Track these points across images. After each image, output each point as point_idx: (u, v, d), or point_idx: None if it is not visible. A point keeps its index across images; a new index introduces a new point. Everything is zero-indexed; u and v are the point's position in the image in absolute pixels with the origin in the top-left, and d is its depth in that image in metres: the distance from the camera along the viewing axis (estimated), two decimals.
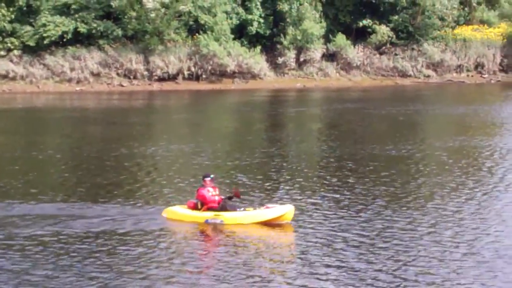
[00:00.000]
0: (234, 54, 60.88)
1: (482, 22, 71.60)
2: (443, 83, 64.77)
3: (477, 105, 48.11)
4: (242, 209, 19.34)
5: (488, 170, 26.17)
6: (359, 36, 65.98)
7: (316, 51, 63.60)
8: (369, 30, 65.14)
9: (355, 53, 64.71)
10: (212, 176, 19.98)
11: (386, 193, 22.19)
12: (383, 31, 64.35)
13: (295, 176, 24.80)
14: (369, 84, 63.30)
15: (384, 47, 65.63)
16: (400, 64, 65.56)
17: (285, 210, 18.86)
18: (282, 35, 63.15)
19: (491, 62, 68.61)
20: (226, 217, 19.03)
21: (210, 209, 19.28)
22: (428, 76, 65.80)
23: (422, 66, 66.09)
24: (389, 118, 42.84)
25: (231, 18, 62.51)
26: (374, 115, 43.86)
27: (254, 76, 62.07)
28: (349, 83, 63.50)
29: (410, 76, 65.61)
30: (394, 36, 65.20)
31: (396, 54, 66.02)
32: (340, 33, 64.61)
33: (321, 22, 63.78)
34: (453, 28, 68.62)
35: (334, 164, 27.50)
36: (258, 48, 62.18)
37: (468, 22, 70.95)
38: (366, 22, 64.86)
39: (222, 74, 61.22)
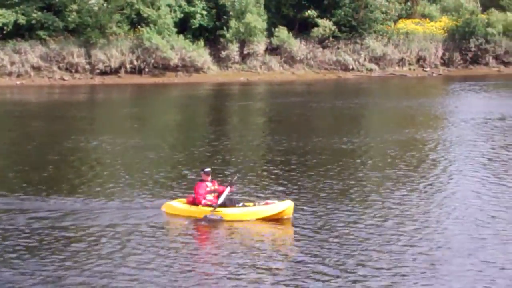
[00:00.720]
0: (177, 48, 60.46)
1: (424, 16, 72.32)
2: (385, 77, 65.21)
3: (420, 98, 48.51)
4: (241, 204, 19.08)
5: (431, 162, 26.44)
6: (302, 29, 66.04)
7: (260, 44, 63.45)
8: (312, 23, 65.12)
9: (298, 46, 64.74)
10: (208, 169, 19.60)
11: (330, 185, 22.20)
12: (325, 24, 64.45)
13: (240, 170, 24.64)
14: (312, 77, 63.42)
15: (327, 41, 65.75)
16: (343, 58, 65.76)
17: (285, 206, 18.69)
18: (225, 28, 62.89)
19: (432, 55, 69.29)
20: (225, 213, 18.74)
21: (209, 204, 18.96)
22: (371, 70, 66.16)
23: (364, 59, 66.43)
24: (334, 111, 42.98)
25: (174, 12, 62.05)
26: (319, 109, 43.93)
27: (197, 70, 61.70)
28: (292, 76, 63.53)
29: (352, 69, 65.87)
30: (337, 30, 65.35)
31: (338, 48, 66.22)
32: (283, 26, 64.55)
33: (263, 15, 63.61)
34: (395, 22, 69.15)
35: (280, 158, 27.41)
36: (202, 41, 61.86)
37: (410, 16, 71.59)
38: (309, 13, 64.79)
39: (165, 67, 60.76)
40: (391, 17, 68.70)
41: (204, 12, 63.23)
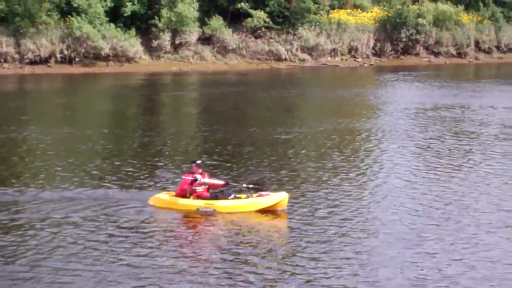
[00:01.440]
0: (108, 37, 59.64)
1: (356, 6, 72.64)
2: (318, 67, 65.37)
3: (353, 88, 48.77)
4: (233, 196, 18.74)
5: (364, 152, 26.65)
6: (235, 19, 65.79)
7: (192, 34, 62.97)
8: (245, 13, 64.93)
9: (230, 36, 64.50)
10: (198, 161, 19.27)
11: (265, 175, 22.09)
12: (259, 15, 64.32)
13: (174, 161, 24.42)
14: (245, 67, 63.25)
15: (259, 31, 65.64)
16: (276, 48, 65.69)
17: (279, 198, 18.46)
18: (157, 17, 62.27)
19: (364, 46, 69.70)
20: (218, 205, 18.42)
21: (200, 197, 18.64)
22: (303, 60, 66.25)
23: (297, 50, 66.48)
24: (268, 101, 42.87)
25: (105, 0, 61.15)
26: (253, 99, 43.86)
27: (129, 60, 60.95)
28: (225, 66, 63.25)
29: (285, 60, 65.87)
30: (270, 20, 65.26)
31: (271, 38, 66.14)
32: (216, 16, 64.21)
33: (195, 3, 63.11)
34: (327, 12, 69.38)
35: (214, 148, 27.23)
36: (133, 30, 61.12)
37: (342, 6, 71.88)
38: (242, 5, 64.61)
39: (96, 57, 59.88)
40: (323, 7, 68.87)
41: (135, 0, 62.38)
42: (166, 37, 62.11)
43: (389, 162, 24.60)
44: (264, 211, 18.27)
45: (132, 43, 60.48)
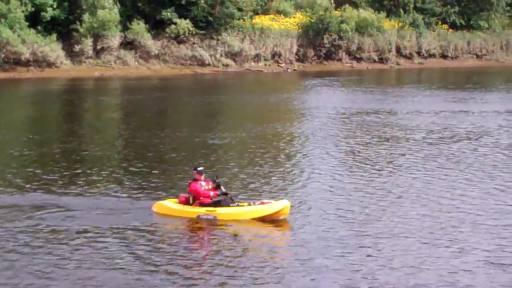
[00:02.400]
0: (28, 42, 58.58)
1: (279, 12, 72.94)
2: (242, 72, 65.33)
3: (277, 93, 48.83)
4: (235, 204, 18.34)
5: (286, 157, 26.65)
6: (158, 24, 65.28)
7: (114, 38, 62.29)
8: (169, 20, 64.51)
9: (153, 41, 63.98)
10: (201, 168, 18.82)
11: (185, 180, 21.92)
12: (182, 24, 63.92)
13: (96, 166, 23.99)
14: (168, 73, 62.81)
15: (183, 36, 65.26)
16: (199, 53, 65.43)
17: (281, 206, 18.09)
18: (78, 22, 61.39)
19: (287, 51, 69.95)
20: (219, 212, 18.02)
21: (202, 204, 18.20)
22: (227, 65, 66.11)
23: (221, 55, 66.33)
24: (192, 107, 42.64)
25: (25, 5, 59.99)
26: (177, 104, 43.59)
27: (50, 65, 59.98)
28: (148, 71, 62.71)
29: (209, 65, 65.63)
30: (194, 26, 64.92)
31: (195, 43, 65.85)
32: (138, 21, 63.58)
33: (117, 8, 62.40)
34: (251, 17, 69.39)
35: (135, 153, 26.91)
36: (54, 35, 60.11)
37: (265, 12, 72.06)
38: (166, 15, 64.14)
39: (16, 62, 58.75)
40: (247, 13, 68.87)
41: (55, 5, 61.35)
42: (88, 42, 61.33)
43: (310, 166, 24.61)
44: (265, 219, 18.01)
45: (53, 48, 59.52)
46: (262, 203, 18.28)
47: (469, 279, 14.03)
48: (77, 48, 61.35)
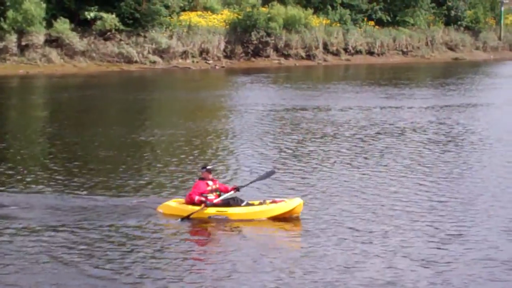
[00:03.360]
0: None
1: (206, 8, 72.61)
2: (169, 69, 64.85)
3: (206, 90, 48.66)
4: (245, 203, 17.82)
5: (213, 153, 26.41)
6: (84, 21, 64.30)
7: (39, 35, 61.13)
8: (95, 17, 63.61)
9: (79, 38, 63.01)
10: (210, 166, 18.27)
11: (113, 180, 21.54)
12: (110, 20, 63.09)
13: (20, 164, 23.45)
14: (95, 70, 61.93)
15: (109, 33, 64.43)
16: (126, 50, 64.68)
17: (294, 204, 17.57)
18: (1, 18, 60.07)
19: (215, 48, 69.70)
20: (230, 212, 17.48)
21: (211, 203, 17.66)
22: (154, 62, 65.52)
23: (148, 52, 65.70)
24: (120, 104, 42.12)
25: None
26: (105, 101, 42.97)
27: None
28: (74, 69, 61.73)
29: (136, 62, 64.92)
30: (120, 23, 64.14)
31: (121, 40, 65.09)
32: (63, 17, 62.51)
33: (42, 4, 61.25)
34: (178, 14, 68.89)
35: (61, 152, 26.40)
36: None
37: (193, 9, 71.66)
38: (92, 14, 63.24)
39: None
40: (174, 9, 68.34)
41: None
42: (12, 39, 60.07)
43: (236, 163, 24.47)
44: (277, 218, 17.59)
45: None
46: (274, 201, 17.82)
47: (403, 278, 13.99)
48: (0, 45, 60.05)
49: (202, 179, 18.04)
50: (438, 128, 32.13)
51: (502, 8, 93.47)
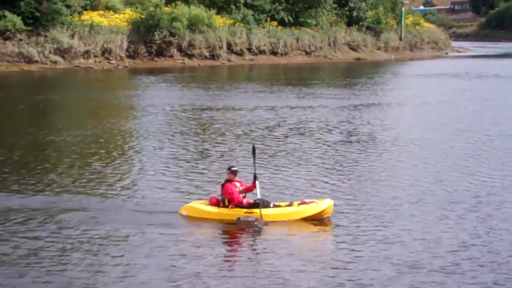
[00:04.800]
0: None
1: (108, 8, 71.55)
2: (71, 69, 63.62)
3: (110, 91, 47.93)
4: (272, 204, 17.34)
5: (121, 153, 26.11)
6: None
7: None
8: None
9: None
10: (235, 168, 17.64)
11: (15, 179, 20.90)
12: (11, 19, 61.45)
13: None
14: None
15: (8, 33, 62.76)
16: (26, 50, 63.15)
17: (325, 205, 17.30)
18: None
19: (118, 48, 68.72)
20: (262, 214, 16.93)
21: (239, 206, 17.16)
22: (56, 62, 64.13)
23: (49, 52, 64.28)
24: (23, 104, 41.04)
25: None
26: (8, 102, 41.85)
27: None
28: None
29: (36, 62, 63.42)
30: (22, 22, 62.54)
31: (21, 40, 63.49)
32: None
33: None
34: (80, 14, 67.63)
35: None
36: None
37: (95, 8, 70.49)
38: None
39: None
40: (75, 9, 67.05)
41: None
42: None
43: (141, 162, 24.17)
44: (308, 219, 17.31)
45: None
46: (304, 202, 17.54)
47: None
48: None
49: (228, 181, 17.61)
50: (347, 127, 32.32)
51: (403, 9, 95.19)
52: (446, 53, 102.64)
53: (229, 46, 75.47)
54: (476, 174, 22.46)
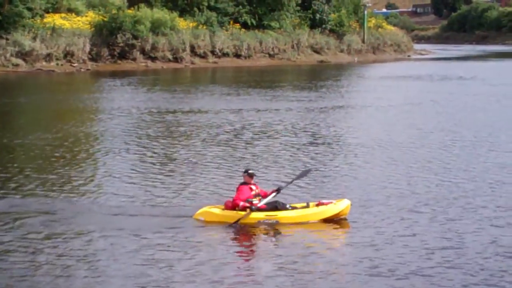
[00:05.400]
0: None
1: (70, 10, 71.00)
2: (33, 72, 63.02)
3: (73, 94, 47.48)
4: (288, 206, 17.20)
5: (88, 156, 25.85)
6: None
7: None
8: None
9: None
10: (251, 171, 17.44)
11: None
12: None
13: None
14: None
15: None
16: None
17: (343, 206, 17.24)
18: None
19: (80, 51, 68.18)
20: (281, 216, 16.83)
21: (256, 208, 16.94)
22: (17, 65, 63.49)
23: (11, 55, 63.60)
24: None
25: None
26: None
27: None
28: None
29: None
30: None
31: None
32: None
33: None
34: (42, 16, 66.98)
35: None
36: None
37: (56, 11, 69.88)
38: None
39: None
40: (37, 12, 66.39)
41: None
42: None
43: (106, 166, 23.87)
44: (325, 220, 17.21)
45: None
46: (321, 203, 17.44)
47: None
48: None
49: (244, 183, 17.41)
50: (313, 130, 32.23)
51: (366, 12, 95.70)
52: (409, 56, 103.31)
53: (192, 48, 75.29)
54: (442, 175, 22.49)
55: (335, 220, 17.26)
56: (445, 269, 14.13)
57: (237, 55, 78.97)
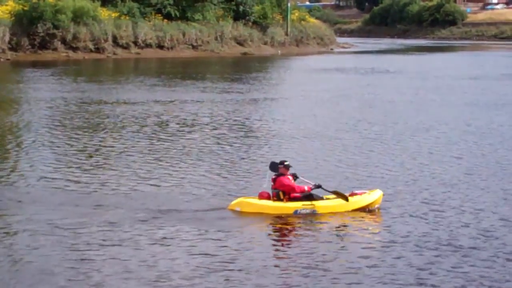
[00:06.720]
0: None
1: None
2: None
3: None
4: (321, 196, 17.27)
5: (12, 147, 25.24)
6: None
7: None
8: None
9: None
10: (287, 162, 17.35)
11: None
12: None
13: None
14: None
15: None
16: None
17: (377, 196, 17.60)
18: None
19: (0, 40, 66.68)
20: (319, 205, 17.06)
21: (293, 198, 16.87)
22: None
23: None
24: None
25: None
26: None
27: None
28: None
29: None
30: None
31: None
32: None
33: None
34: None
35: None
36: None
37: None
38: None
39: None
40: None
41: None
42: None
43: (29, 156, 23.34)
44: (359, 210, 17.40)
45: None
46: (354, 193, 17.60)
47: None
48: None
49: (281, 174, 17.25)
50: (240, 121, 32.17)
51: (289, 4, 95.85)
52: (332, 49, 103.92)
53: (114, 39, 74.24)
54: (371, 166, 22.62)
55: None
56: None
57: (160, 46, 78.23)
